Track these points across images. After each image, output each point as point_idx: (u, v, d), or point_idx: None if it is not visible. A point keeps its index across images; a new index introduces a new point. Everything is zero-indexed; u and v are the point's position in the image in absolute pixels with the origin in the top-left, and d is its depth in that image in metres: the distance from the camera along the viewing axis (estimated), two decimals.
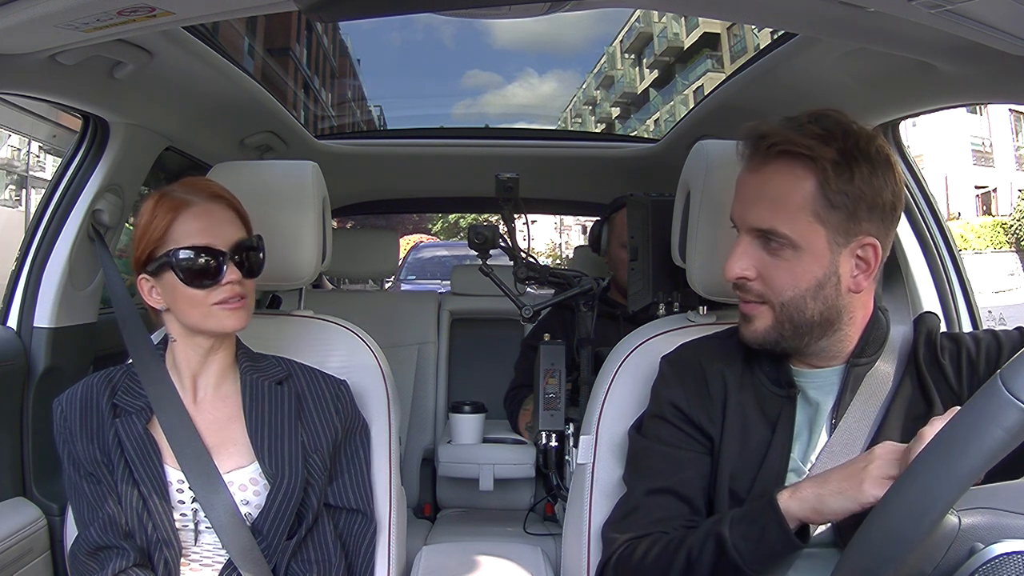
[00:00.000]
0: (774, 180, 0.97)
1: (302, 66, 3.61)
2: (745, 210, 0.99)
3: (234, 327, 1.13)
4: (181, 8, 0.99)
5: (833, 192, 0.94)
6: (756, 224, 0.98)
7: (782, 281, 0.98)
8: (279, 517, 1.11)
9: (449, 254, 8.63)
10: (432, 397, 2.54)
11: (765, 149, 0.97)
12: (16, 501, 1.44)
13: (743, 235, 1.00)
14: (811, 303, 0.97)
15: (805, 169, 0.95)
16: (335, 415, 1.20)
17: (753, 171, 0.99)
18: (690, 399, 1.07)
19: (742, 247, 1.00)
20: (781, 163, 0.96)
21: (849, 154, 0.94)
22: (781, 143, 0.95)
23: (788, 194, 0.96)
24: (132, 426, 1.11)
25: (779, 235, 0.96)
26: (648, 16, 6.00)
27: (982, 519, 0.69)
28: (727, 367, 1.07)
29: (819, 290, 0.97)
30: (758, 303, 1.00)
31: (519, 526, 2.13)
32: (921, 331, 1.05)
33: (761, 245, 0.98)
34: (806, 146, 0.94)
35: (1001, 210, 17.45)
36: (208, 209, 1.12)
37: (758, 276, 0.99)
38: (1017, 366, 0.65)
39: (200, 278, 1.09)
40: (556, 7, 1.00)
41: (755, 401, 1.05)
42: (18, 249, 1.56)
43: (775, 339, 1.00)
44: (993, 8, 0.83)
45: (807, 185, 0.95)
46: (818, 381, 1.03)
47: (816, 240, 0.96)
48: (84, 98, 1.43)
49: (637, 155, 2.48)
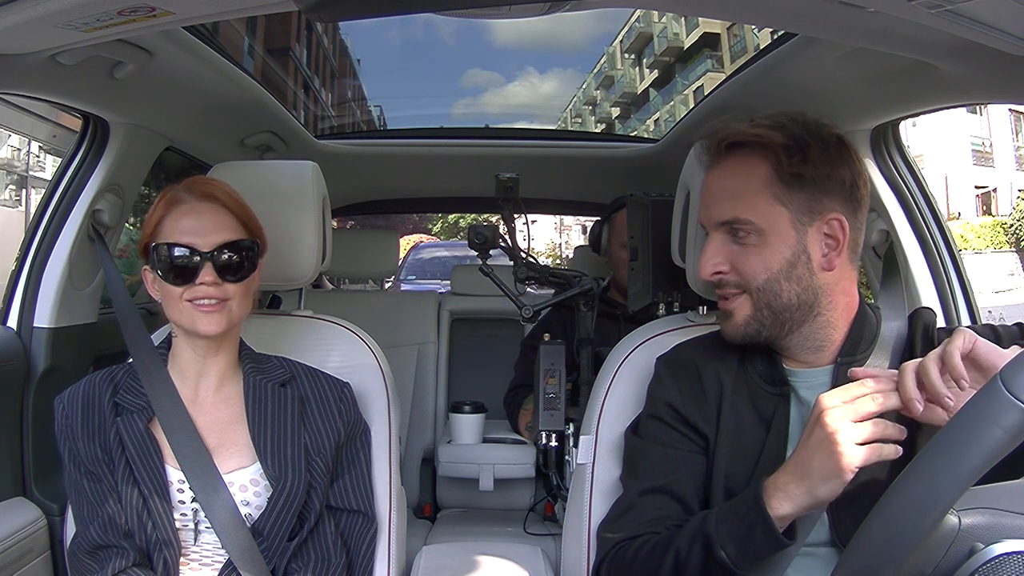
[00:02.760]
0: (731, 172, 1.02)
1: (302, 66, 3.60)
2: (708, 209, 1.04)
3: (207, 331, 1.11)
4: (181, 8, 0.99)
5: (788, 174, 0.98)
6: (720, 218, 1.02)
7: (754, 266, 1.00)
8: (281, 519, 1.11)
9: (449, 254, 8.63)
10: (432, 397, 2.54)
11: (717, 146, 1.03)
12: (16, 501, 1.44)
13: (712, 234, 1.04)
14: (785, 284, 1.00)
15: (757, 156, 1.00)
16: (338, 418, 1.20)
17: (711, 171, 1.05)
18: (685, 399, 1.07)
19: (711, 245, 1.04)
20: (735, 156, 1.02)
21: (798, 137, 0.99)
22: (731, 136, 1.01)
23: (745, 182, 1.00)
24: (134, 425, 1.11)
25: (743, 222, 1.00)
26: (648, 16, 5.99)
27: (982, 519, 0.69)
28: (722, 366, 1.08)
29: (791, 270, 0.99)
30: (736, 294, 1.03)
31: (519, 526, 2.13)
32: (917, 326, 1.05)
33: (729, 239, 1.02)
34: (754, 135, 0.99)
35: (1001, 210, 17.45)
36: (197, 208, 1.12)
37: (731, 268, 1.02)
38: (1017, 366, 0.65)
39: (177, 275, 1.10)
40: (556, 7, 1.00)
41: (749, 400, 1.05)
42: (18, 249, 1.57)
43: (756, 328, 1.02)
44: (993, 8, 0.83)
45: (761, 171, 0.99)
46: (809, 380, 1.04)
47: (780, 221, 0.99)
48: (84, 98, 1.43)
49: (637, 155, 2.48)
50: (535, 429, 1.73)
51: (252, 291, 1.17)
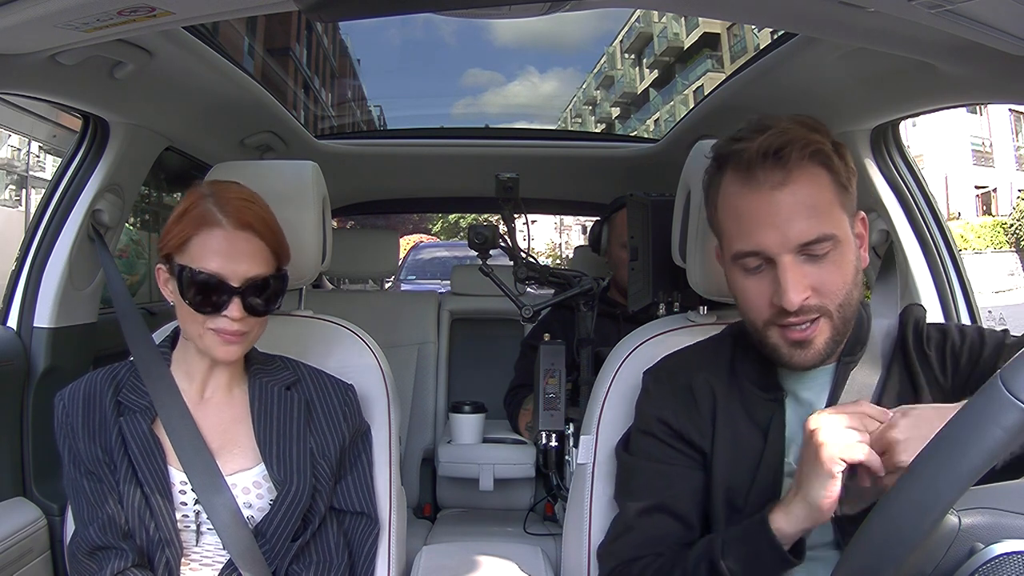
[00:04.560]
0: (803, 186, 0.92)
1: (302, 66, 3.60)
2: (784, 231, 0.91)
3: (224, 357, 1.10)
4: (181, 8, 0.99)
5: (842, 176, 0.94)
6: (803, 239, 0.91)
7: (835, 283, 0.93)
8: (285, 522, 1.11)
9: (449, 254, 8.62)
10: (432, 397, 2.54)
11: (766, 158, 0.92)
12: (16, 501, 1.44)
13: (784, 258, 0.92)
14: (855, 292, 0.95)
15: (818, 165, 0.93)
16: (343, 421, 1.20)
17: (776, 188, 0.92)
18: (678, 413, 1.04)
19: (792, 272, 0.92)
20: (801, 167, 0.92)
21: (832, 139, 0.95)
22: (801, 145, 0.92)
23: (819, 193, 0.93)
24: (137, 425, 1.11)
25: (827, 238, 0.92)
26: (648, 16, 5.99)
27: (982, 519, 0.69)
28: (713, 376, 1.04)
29: (856, 275, 0.96)
30: (814, 319, 0.94)
31: (519, 526, 2.13)
32: (908, 322, 1.04)
33: (803, 259, 0.92)
34: (813, 140, 0.92)
35: (1001, 210, 17.46)
36: (232, 237, 1.07)
37: (814, 291, 0.93)
38: (1017, 366, 0.65)
39: (202, 304, 1.07)
40: (556, 7, 1.00)
41: (743, 409, 1.02)
42: (18, 249, 1.57)
43: (833, 349, 0.96)
44: (993, 8, 0.83)
45: (826, 179, 0.93)
46: (809, 382, 1.02)
47: (845, 227, 0.95)
48: (84, 98, 1.43)
49: (637, 155, 2.48)
50: (535, 429, 1.73)
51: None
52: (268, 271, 1.10)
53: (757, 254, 0.94)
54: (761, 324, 0.96)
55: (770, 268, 0.94)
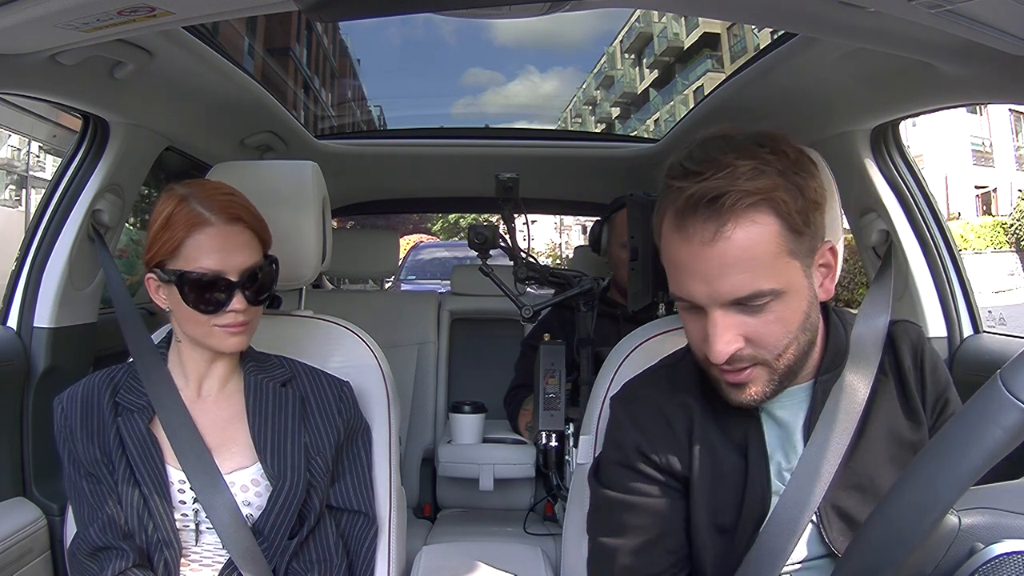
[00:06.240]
0: (739, 240, 0.83)
1: (302, 66, 3.61)
2: (713, 286, 0.85)
3: (233, 349, 1.13)
4: (181, 8, 0.99)
5: (794, 219, 0.84)
6: (735, 295, 0.84)
7: (775, 335, 0.87)
8: (281, 518, 1.11)
9: (449, 254, 8.63)
10: (432, 397, 2.54)
11: (718, 211, 0.82)
12: (16, 501, 1.44)
13: (714, 311, 0.86)
14: (801, 336, 0.89)
15: (761, 212, 0.83)
16: (337, 416, 1.20)
17: (706, 244, 0.83)
18: (653, 442, 0.97)
19: (721, 323, 0.86)
20: (738, 218, 0.82)
21: (787, 171, 0.84)
22: (739, 196, 0.82)
23: (758, 246, 0.83)
24: (134, 425, 1.11)
25: (764, 294, 0.84)
26: (648, 16, 6.00)
27: (982, 519, 0.69)
28: (687, 398, 0.98)
29: (806, 320, 0.89)
30: (750, 367, 0.89)
31: (519, 526, 2.13)
32: (902, 341, 0.99)
33: (738, 310, 0.86)
34: (760, 190, 0.82)
35: (1001, 210, 17.45)
36: (225, 232, 1.08)
37: (747, 342, 0.87)
38: (1017, 366, 0.65)
39: (205, 304, 1.08)
40: (556, 7, 1.00)
41: (718, 428, 0.97)
42: (18, 249, 1.57)
43: (772, 391, 0.91)
44: (993, 8, 0.83)
45: (772, 227, 0.83)
46: (786, 400, 0.96)
47: (795, 276, 0.86)
48: (84, 98, 1.43)
49: (637, 155, 2.48)
50: (535, 429, 1.73)
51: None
52: (260, 259, 1.13)
53: (689, 302, 0.89)
54: (702, 359, 0.92)
55: (704, 312, 0.88)
